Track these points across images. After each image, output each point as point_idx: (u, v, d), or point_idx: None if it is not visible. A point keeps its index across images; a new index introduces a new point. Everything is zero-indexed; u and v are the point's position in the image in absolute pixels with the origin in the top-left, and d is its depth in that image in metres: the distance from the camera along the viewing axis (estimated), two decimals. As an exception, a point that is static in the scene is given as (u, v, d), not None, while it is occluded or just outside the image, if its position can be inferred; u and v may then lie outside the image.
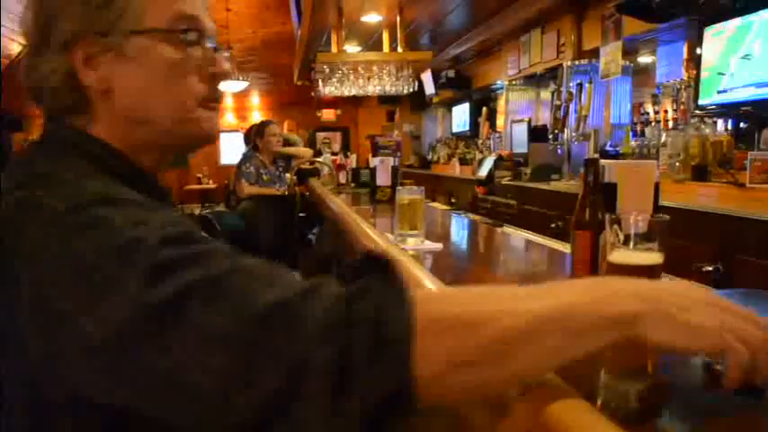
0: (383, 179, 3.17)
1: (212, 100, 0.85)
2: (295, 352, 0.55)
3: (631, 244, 0.86)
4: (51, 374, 0.63)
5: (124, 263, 0.59)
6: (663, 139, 3.43)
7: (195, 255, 0.61)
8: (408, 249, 1.54)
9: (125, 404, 0.61)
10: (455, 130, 8.45)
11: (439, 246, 1.62)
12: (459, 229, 2.27)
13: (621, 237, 0.86)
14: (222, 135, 12.66)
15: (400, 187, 1.69)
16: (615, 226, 0.87)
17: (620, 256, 0.86)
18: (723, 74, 3.03)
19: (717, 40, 3.09)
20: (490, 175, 5.14)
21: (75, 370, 0.61)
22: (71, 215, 0.63)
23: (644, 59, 4.67)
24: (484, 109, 7.10)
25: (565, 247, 1.59)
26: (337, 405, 0.54)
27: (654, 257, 0.85)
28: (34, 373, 0.65)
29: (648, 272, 0.85)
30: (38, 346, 0.62)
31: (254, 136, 4.77)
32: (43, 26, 0.78)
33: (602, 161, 1.08)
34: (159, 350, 0.56)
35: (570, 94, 4.57)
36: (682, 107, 3.60)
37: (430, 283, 1.05)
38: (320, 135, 11.92)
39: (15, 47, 9.69)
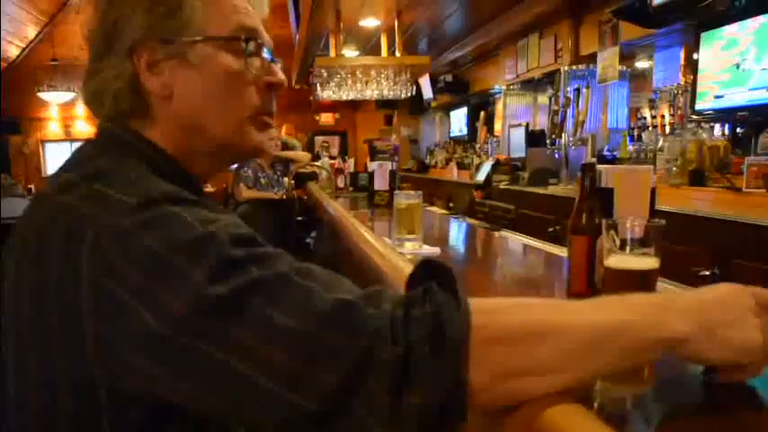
0: (381, 183, 3.17)
1: (267, 112, 0.87)
2: (355, 351, 0.56)
3: (627, 249, 0.87)
4: (103, 367, 0.63)
5: (193, 258, 0.60)
6: (660, 143, 3.44)
7: (261, 255, 0.62)
8: (406, 254, 1.54)
9: (182, 400, 0.62)
10: (453, 134, 8.47)
11: (436, 250, 1.62)
12: (456, 234, 2.28)
13: (618, 242, 0.87)
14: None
15: (398, 191, 1.69)
16: (611, 231, 0.88)
17: (616, 260, 0.87)
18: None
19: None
20: (488, 179, 5.15)
21: (134, 361, 0.61)
22: (143, 210, 0.64)
23: (641, 64, 4.69)
24: (482, 113, 7.12)
25: (562, 252, 1.60)
26: (395, 403, 0.55)
27: (650, 262, 0.86)
28: (64, 369, 0.65)
29: (644, 277, 0.86)
30: (96, 335, 0.62)
31: (253, 140, 4.77)
32: (109, 32, 0.80)
33: (599, 166, 1.08)
34: (219, 344, 0.57)
35: (568, 98, 4.58)
36: (679, 112, 3.61)
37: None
38: (318, 139, 11.94)
39: (13, 50, 9.69)
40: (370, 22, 4.98)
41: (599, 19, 4.41)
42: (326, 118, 12.49)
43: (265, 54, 0.87)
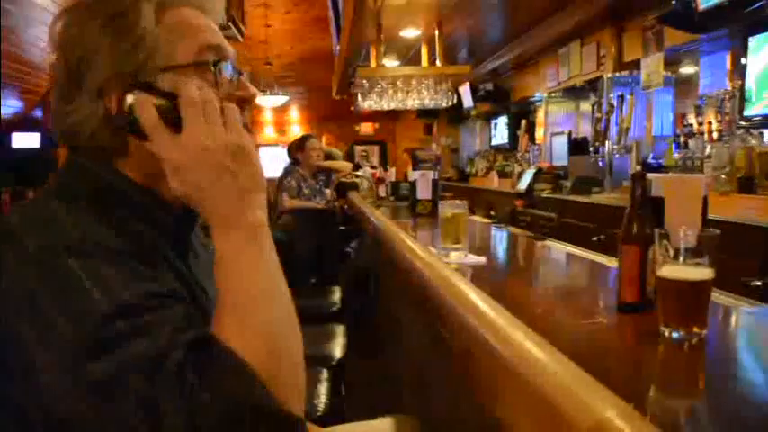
0: (423, 193, 3.18)
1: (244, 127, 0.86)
2: None
3: (681, 258, 0.86)
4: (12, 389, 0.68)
5: (75, 325, 0.64)
6: (707, 151, 3.37)
7: (143, 326, 0.65)
8: (452, 263, 1.55)
9: None
10: (494, 142, 8.44)
11: (482, 259, 1.62)
12: (501, 243, 2.27)
13: (672, 251, 0.86)
14: (261, 149, 12.88)
15: (443, 201, 1.70)
16: (664, 240, 0.87)
17: (670, 270, 0.86)
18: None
19: None
20: (530, 187, 5.11)
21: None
22: (38, 258, 0.68)
23: (686, 70, 4.61)
24: (523, 121, 7.08)
25: (609, 261, 1.59)
26: None
27: (705, 272, 0.85)
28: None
29: (699, 287, 0.85)
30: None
31: (295, 150, 4.83)
32: (74, 73, 0.80)
33: (649, 174, 1.08)
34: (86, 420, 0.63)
35: (611, 106, 4.53)
36: (726, 118, 3.54)
37: (476, 297, 1.06)
38: (358, 148, 12.01)
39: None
40: (410, 33, 5.00)
41: (642, 25, 4.36)
42: (366, 128, 12.57)
43: (231, 69, 0.86)
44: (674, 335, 0.86)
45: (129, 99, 0.77)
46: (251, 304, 0.72)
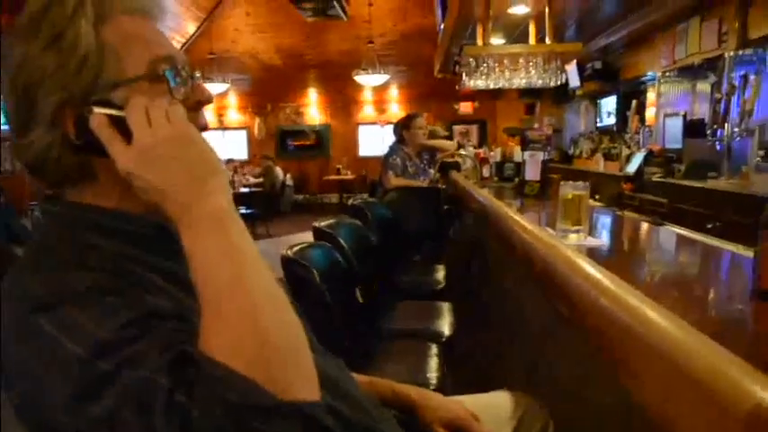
0: (532, 173, 3.14)
1: (201, 128, 0.86)
2: None
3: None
4: None
5: (61, 378, 0.65)
6: (842, 135, 3.15)
7: (128, 357, 0.65)
8: (571, 245, 1.53)
9: None
10: (600, 123, 8.17)
11: (602, 242, 1.60)
12: (617, 226, 2.22)
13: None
14: (361, 127, 13.03)
15: (564, 182, 1.68)
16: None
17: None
18: None
19: None
20: (639, 171, 4.94)
21: None
22: (14, 327, 0.70)
23: (820, 48, 4.30)
24: (634, 102, 6.81)
25: (735, 249, 1.53)
26: None
27: None
28: None
29: None
30: None
31: (401, 128, 4.85)
32: (23, 101, 0.79)
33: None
34: None
35: (733, 86, 4.29)
36: None
37: (607, 279, 1.05)
38: (457, 128, 11.96)
39: (175, 45, 10.48)
40: (519, 9, 4.91)
41: (772, -1, 4.09)
42: (465, 107, 12.47)
43: (183, 76, 0.85)
44: (824, 326, 0.83)
45: (84, 119, 0.76)
46: (223, 295, 0.68)
